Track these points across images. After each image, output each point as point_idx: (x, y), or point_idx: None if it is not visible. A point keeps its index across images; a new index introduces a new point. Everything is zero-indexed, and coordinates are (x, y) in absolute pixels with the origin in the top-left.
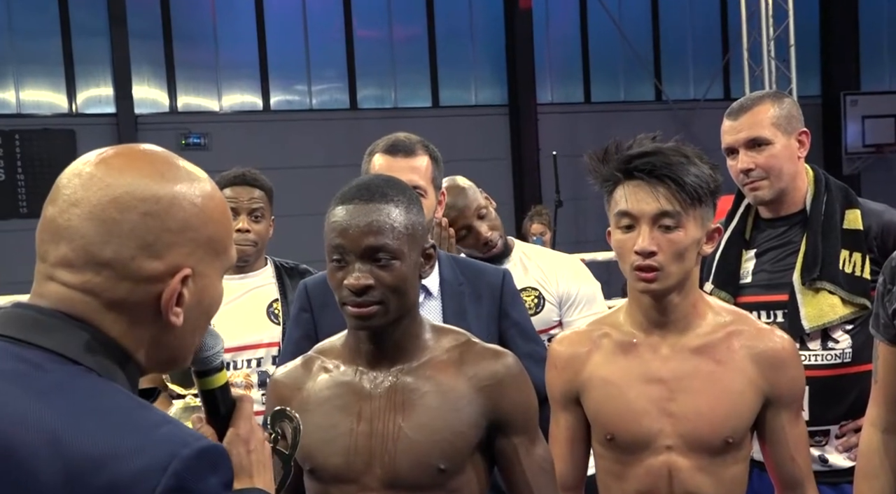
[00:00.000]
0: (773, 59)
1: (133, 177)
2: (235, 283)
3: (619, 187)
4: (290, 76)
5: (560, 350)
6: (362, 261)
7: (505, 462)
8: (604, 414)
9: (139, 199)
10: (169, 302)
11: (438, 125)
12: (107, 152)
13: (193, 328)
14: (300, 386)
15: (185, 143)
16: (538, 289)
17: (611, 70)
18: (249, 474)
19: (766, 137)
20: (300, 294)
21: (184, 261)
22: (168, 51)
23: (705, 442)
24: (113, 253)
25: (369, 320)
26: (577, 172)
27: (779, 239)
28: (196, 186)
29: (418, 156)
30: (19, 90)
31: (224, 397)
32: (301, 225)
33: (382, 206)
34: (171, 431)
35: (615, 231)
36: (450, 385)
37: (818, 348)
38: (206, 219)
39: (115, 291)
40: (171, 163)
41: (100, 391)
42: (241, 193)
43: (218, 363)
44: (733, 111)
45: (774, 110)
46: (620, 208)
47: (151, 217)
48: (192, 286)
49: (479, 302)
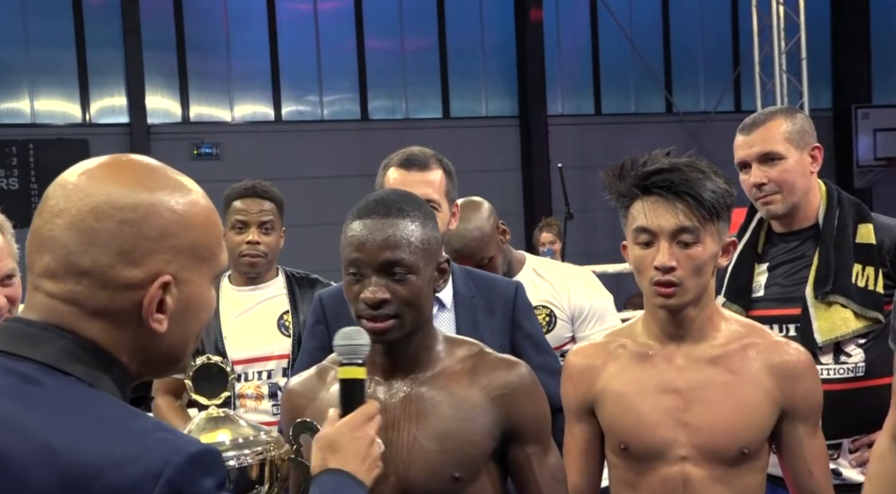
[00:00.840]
0: (784, 72)
1: (112, 187)
2: (247, 295)
3: (637, 203)
4: (302, 87)
5: (576, 361)
6: (378, 275)
7: (518, 472)
8: (618, 425)
9: (116, 208)
10: (149, 309)
11: (449, 136)
12: (92, 163)
13: (183, 333)
14: (314, 396)
15: (198, 153)
16: (549, 307)
17: (621, 82)
18: (345, 456)
19: (778, 152)
20: (315, 306)
21: (164, 268)
22: (181, 61)
23: (720, 452)
24: (92, 261)
25: (385, 335)
26: (587, 184)
27: (791, 253)
28: (177, 194)
29: (432, 170)
30: (34, 100)
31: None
32: (312, 235)
33: (399, 221)
34: (163, 438)
35: (633, 247)
36: (463, 394)
37: (830, 362)
38: (186, 226)
39: (96, 299)
40: (155, 172)
41: (91, 401)
42: (251, 205)
43: (362, 358)
44: (746, 126)
45: (787, 125)
46: (639, 224)
47: (128, 225)
48: (176, 292)
49: (493, 315)
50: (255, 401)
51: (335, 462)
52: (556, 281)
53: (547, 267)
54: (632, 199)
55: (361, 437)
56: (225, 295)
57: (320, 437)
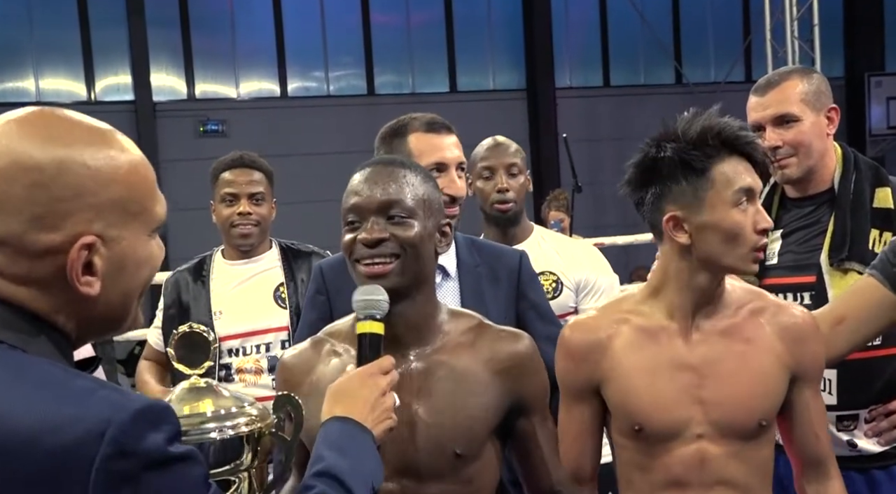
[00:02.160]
0: (796, 39)
1: (20, 145)
2: (240, 268)
3: (724, 163)
4: (308, 63)
5: (577, 337)
6: (377, 216)
7: (523, 442)
8: (631, 405)
9: (24, 169)
10: (73, 273)
11: (456, 110)
12: (6, 116)
13: (121, 293)
14: (310, 369)
15: (204, 131)
16: (556, 274)
17: (630, 53)
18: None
19: (794, 114)
20: (315, 276)
21: (85, 229)
22: (186, 38)
23: (739, 427)
24: (5, 229)
25: (383, 279)
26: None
27: (806, 219)
28: (92, 148)
29: (454, 133)
30: (39, 78)
31: (374, 346)
32: (317, 211)
33: (399, 170)
34: (105, 396)
35: (732, 211)
36: (466, 368)
37: None
38: (105, 182)
39: (16, 267)
40: (68, 125)
41: (27, 365)
42: (240, 177)
43: (374, 313)
44: (760, 87)
45: (803, 86)
46: (743, 185)
47: (38, 187)
48: (105, 251)
49: (497, 284)
50: (254, 376)
51: (342, 409)
52: (565, 251)
53: (555, 238)
54: (709, 161)
55: (372, 386)
56: (218, 269)
57: (332, 387)
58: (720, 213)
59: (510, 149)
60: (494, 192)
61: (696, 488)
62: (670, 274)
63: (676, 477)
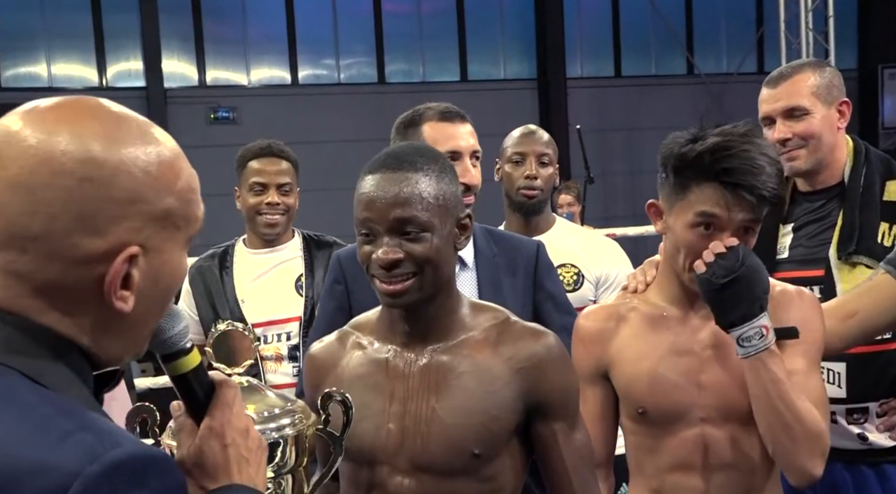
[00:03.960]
0: (810, 30)
1: (72, 135)
2: (264, 257)
3: (701, 186)
4: (319, 50)
5: (587, 325)
6: (391, 235)
7: (543, 448)
8: (634, 388)
9: (78, 161)
10: (113, 287)
11: (467, 99)
12: (40, 105)
13: (148, 311)
14: (336, 362)
15: (214, 118)
16: (578, 267)
17: (642, 43)
18: (227, 471)
19: (804, 106)
20: (334, 265)
21: (131, 238)
22: (197, 25)
23: (739, 411)
24: (42, 226)
25: (402, 297)
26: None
27: (816, 212)
28: (150, 150)
29: (468, 121)
30: (51, 64)
31: (199, 381)
32: (329, 199)
33: (410, 175)
34: (81, 441)
35: (689, 229)
36: (486, 365)
37: None
38: (162, 191)
39: (44, 273)
40: (121, 119)
41: (11, 396)
42: (269, 166)
43: (183, 345)
44: (772, 79)
45: (815, 79)
46: (705, 209)
47: (92, 184)
48: (144, 265)
49: (515, 275)
50: (275, 363)
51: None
52: (586, 245)
53: (577, 231)
54: (693, 180)
55: (234, 436)
56: (241, 258)
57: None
58: (679, 225)
59: (543, 139)
60: (522, 178)
61: (701, 470)
62: (666, 262)
63: (682, 460)
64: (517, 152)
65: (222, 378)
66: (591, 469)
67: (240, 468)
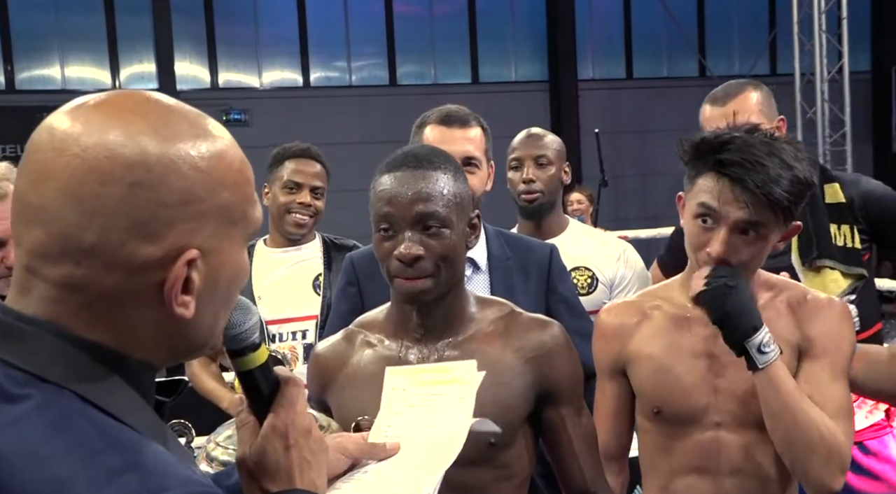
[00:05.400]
0: (823, 32)
1: (118, 137)
2: (283, 256)
3: (706, 176)
4: (330, 53)
5: (608, 319)
6: (412, 230)
7: (552, 433)
8: (651, 388)
9: (126, 167)
10: (173, 292)
11: (478, 101)
12: (88, 101)
13: (214, 312)
14: (344, 361)
15: (227, 119)
16: (592, 270)
17: (653, 45)
18: (289, 474)
19: (755, 123)
20: (346, 267)
21: (188, 241)
22: (209, 27)
23: (755, 418)
24: (97, 237)
25: (421, 295)
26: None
27: None
28: (200, 145)
29: (472, 126)
30: (64, 66)
31: (265, 377)
32: (340, 201)
33: (431, 173)
34: (124, 485)
35: (692, 219)
36: (497, 357)
37: None
38: (215, 186)
39: (102, 284)
40: (172, 114)
41: (65, 425)
42: (306, 167)
43: (253, 340)
44: (718, 97)
45: (759, 97)
46: (704, 200)
47: (143, 188)
48: (203, 268)
49: (528, 278)
50: (290, 363)
51: (286, 485)
52: (600, 247)
53: (591, 233)
54: (706, 170)
55: (297, 437)
56: (260, 256)
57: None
58: (687, 216)
59: (540, 141)
60: (521, 183)
61: (714, 474)
62: (690, 262)
63: (695, 463)
64: (514, 158)
65: (288, 375)
66: (596, 449)
67: (301, 470)
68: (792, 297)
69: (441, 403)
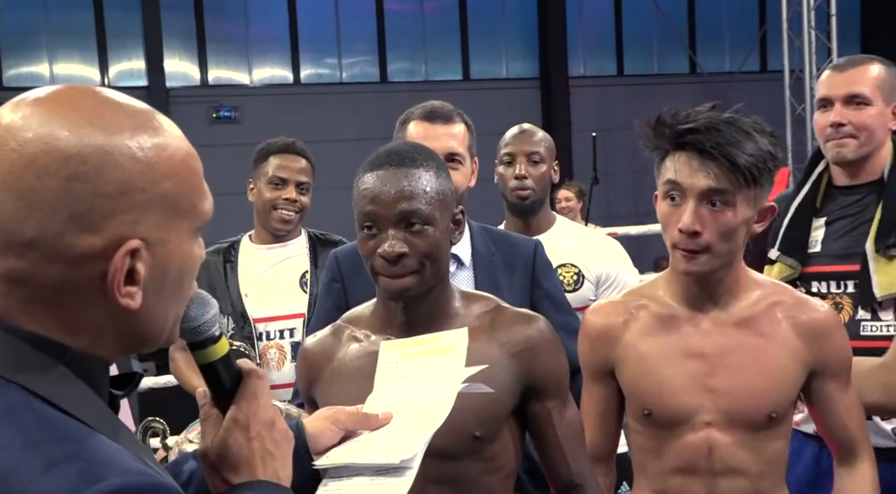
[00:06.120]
0: (813, 29)
1: (55, 130)
2: (269, 252)
3: (670, 157)
4: (321, 49)
5: (595, 321)
6: (396, 228)
7: (538, 427)
8: (641, 389)
9: (61, 160)
10: (115, 283)
11: (469, 98)
12: (30, 97)
13: (164, 303)
14: (331, 356)
15: (217, 117)
16: (578, 267)
17: (644, 42)
18: (251, 465)
19: (866, 95)
20: (330, 264)
21: (129, 231)
22: (199, 24)
23: (747, 418)
24: (36, 230)
25: (405, 292)
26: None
27: (851, 207)
28: (139, 136)
29: (455, 123)
30: (53, 63)
31: (227, 370)
32: (331, 198)
33: (413, 171)
34: (62, 475)
35: (662, 201)
36: (482, 351)
37: (892, 319)
38: (155, 177)
39: (45, 276)
40: (110, 107)
41: (10, 417)
42: (292, 163)
43: (213, 332)
44: (840, 65)
45: (882, 73)
46: (669, 177)
47: (79, 181)
48: (148, 257)
49: (512, 273)
50: (277, 362)
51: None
52: (586, 244)
53: (578, 230)
54: (666, 152)
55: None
56: (246, 252)
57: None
58: (658, 202)
59: (533, 137)
60: (513, 179)
61: (704, 475)
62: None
63: (686, 464)
64: (507, 153)
65: (250, 367)
66: (583, 442)
67: (264, 462)
68: (788, 308)
69: (432, 372)
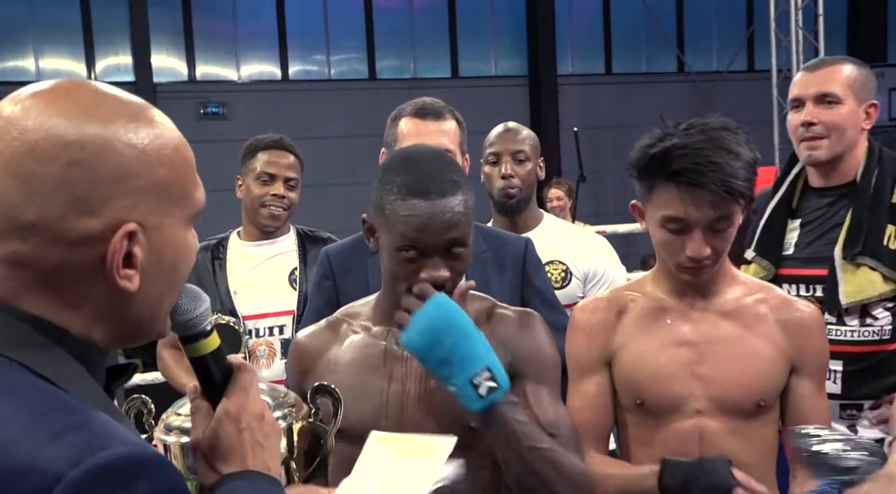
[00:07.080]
0: (800, 29)
1: (54, 119)
2: (258, 249)
3: (663, 188)
4: (309, 46)
5: (586, 317)
6: (441, 255)
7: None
8: (634, 379)
9: (61, 146)
10: (114, 265)
11: (457, 96)
12: (29, 90)
13: (160, 290)
14: (325, 349)
15: (204, 113)
16: (566, 264)
17: (633, 41)
18: (241, 456)
19: (836, 95)
20: (322, 261)
21: (126, 215)
22: (187, 20)
23: (737, 405)
24: (37, 214)
25: None
26: (598, 145)
27: (824, 209)
28: (136, 125)
29: (447, 119)
30: (39, 58)
31: (218, 364)
32: (319, 195)
33: (458, 198)
34: (68, 442)
35: (660, 230)
36: None
37: (856, 324)
38: (150, 163)
39: (47, 259)
40: (108, 99)
41: (11, 392)
42: (280, 158)
43: (204, 327)
44: (812, 65)
45: (852, 73)
46: (670, 214)
47: (78, 166)
48: (145, 242)
49: (503, 271)
50: (267, 359)
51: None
52: (575, 241)
53: (565, 227)
54: (658, 180)
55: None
56: (234, 249)
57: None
58: (652, 227)
59: (518, 136)
60: (499, 178)
61: None
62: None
63: (676, 452)
64: (492, 152)
65: (240, 362)
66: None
67: (254, 453)
68: (774, 305)
69: (409, 471)
